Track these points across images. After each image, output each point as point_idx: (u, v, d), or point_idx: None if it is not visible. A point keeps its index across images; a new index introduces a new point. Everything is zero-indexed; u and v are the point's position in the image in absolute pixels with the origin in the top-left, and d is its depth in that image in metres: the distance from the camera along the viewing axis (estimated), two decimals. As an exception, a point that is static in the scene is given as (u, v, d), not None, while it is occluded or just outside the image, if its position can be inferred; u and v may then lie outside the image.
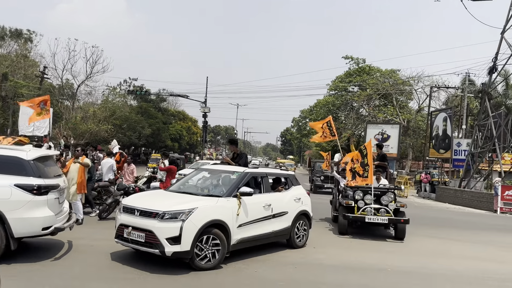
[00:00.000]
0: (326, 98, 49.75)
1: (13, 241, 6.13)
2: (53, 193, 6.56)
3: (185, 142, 55.35)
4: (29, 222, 6.21)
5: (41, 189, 6.30)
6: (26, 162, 6.40)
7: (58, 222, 6.63)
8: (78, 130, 31.10)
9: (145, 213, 6.37)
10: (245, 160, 8.86)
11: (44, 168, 6.65)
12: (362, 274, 6.90)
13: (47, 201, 6.40)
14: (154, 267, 6.40)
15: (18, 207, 6.12)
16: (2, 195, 6.07)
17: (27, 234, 6.38)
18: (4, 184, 6.11)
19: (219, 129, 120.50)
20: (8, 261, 6.15)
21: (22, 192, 6.16)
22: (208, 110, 35.88)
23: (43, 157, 6.86)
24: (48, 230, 6.44)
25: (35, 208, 6.24)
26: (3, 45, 35.66)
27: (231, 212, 6.84)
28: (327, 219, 12.53)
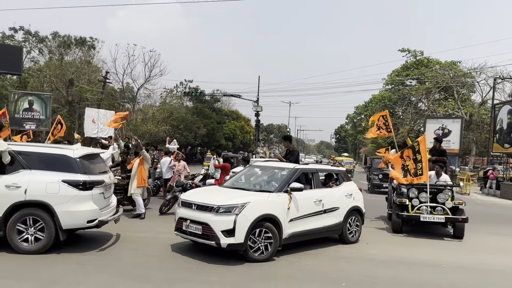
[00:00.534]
0: (382, 93, 48.43)
1: (61, 233, 6.70)
2: (98, 188, 7.05)
3: (239, 141, 56.28)
4: (75, 215, 6.75)
5: (86, 185, 6.82)
6: (72, 160, 6.93)
7: (103, 216, 7.11)
8: (138, 131, 32.80)
9: (201, 207, 6.78)
10: (297, 157, 9.05)
11: (89, 165, 7.15)
12: (415, 270, 6.86)
13: (92, 196, 6.90)
14: (211, 258, 6.78)
15: (65, 201, 6.65)
16: (51, 190, 6.63)
17: (74, 226, 6.89)
18: (53, 180, 6.68)
19: (272, 127, 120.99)
20: (69, 251, 6.82)
21: (68, 187, 6.70)
22: (260, 109, 36.30)
23: (89, 155, 7.39)
24: (93, 223, 6.94)
25: (81, 202, 6.76)
26: (69, 53, 38.25)
27: (282, 207, 7.07)
28: (383, 217, 12.37)
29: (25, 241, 6.56)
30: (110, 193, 7.78)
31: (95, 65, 38.71)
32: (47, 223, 6.59)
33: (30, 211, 6.60)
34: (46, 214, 6.60)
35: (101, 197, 7.18)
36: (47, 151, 7.14)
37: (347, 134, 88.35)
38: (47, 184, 6.64)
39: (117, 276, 5.80)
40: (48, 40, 38.01)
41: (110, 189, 7.75)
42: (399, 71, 45.90)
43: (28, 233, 6.57)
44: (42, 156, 6.99)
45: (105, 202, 7.42)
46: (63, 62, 35.45)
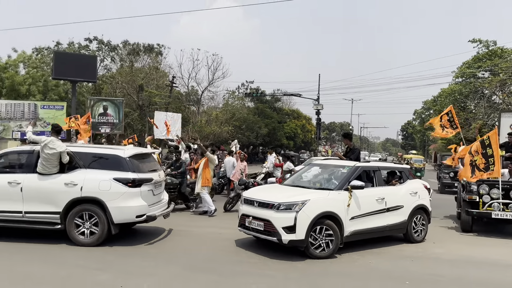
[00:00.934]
0: (452, 87, 45.82)
1: (113, 227, 7.22)
2: (147, 185, 7.51)
3: (300, 140, 56.17)
4: (125, 210, 7.24)
5: (135, 182, 7.31)
6: (123, 159, 7.47)
7: (151, 211, 7.55)
8: (203, 132, 34.00)
9: (262, 204, 7.02)
10: (357, 155, 8.99)
11: (138, 164, 7.64)
12: (485, 270, 6.59)
13: (140, 193, 7.38)
14: (273, 253, 7.00)
15: (116, 198, 7.17)
16: (104, 187, 7.17)
17: (124, 220, 7.36)
18: (105, 178, 7.23)
19: (334, 125, 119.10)
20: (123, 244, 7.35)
21: (119, 184, 7.22)
22: (321, 107, 35.97)
23: (139, 155, 7.89)
24: (142, 218, 7.40)
25: (130, 198, 7.25)
26: (138, 60, 40.53)
27: (343, 204, 7.10)
28: (452, 216, 11.88)
29: (82, 234, 7.19)
30: (160, 190, 8.21)
31: (163, 70, 40.67)
32: (101, 218, 7.16)
33: (86, 207, 7.22)
34: (100, 210, 7.18)
35: (150, 193, 7.65)
36: (100, 152, 7.82)
37: (415, 130, 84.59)
38: (100, 182, 7.21)
39: (187, 268, 6.20)
40: (119, 49, 40.59)
41: (160, 187, 8.19)
42: (470, 63, 43.16)
43: (84, 227, 7.19)
44: (96, 156, 7.64)
45: (155, 198, 7.88)
46: (133, 68, 37.65)
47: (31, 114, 29.93)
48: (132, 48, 39.57)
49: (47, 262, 6.25)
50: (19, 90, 32.69)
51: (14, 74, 33.67)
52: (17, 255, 6.52)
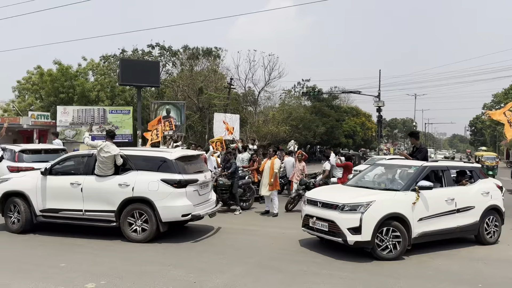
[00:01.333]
0: (524, 78, 42.68)
1: (161, 225, 7.66)
2: (192, 186, 7.89)
3: (360, 138, 54.93)
4: (171, 210, 7.65)
5: (181, 183, 7.69)
6: (170, 161, 7.89)
7: (196, 211, 7.92)
8: (260, 133, 34.39)
9: (326, 205, 7.06)
10: (425, 154, 8.71)
11: (184, 166, 8.03)
12: None
13: (186, 193, 7.75)
14: (338, 254, 7.03)
15: (163, 197, 7.60)
16: (152, 188, 7.63)
17: (171, 219, 7.76)
18: (153, 179, 7.69)
19: (396, 122, 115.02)
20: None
21: (166, 185, 7.64)
22: (382, 104, 34.99)
23: (185, 157, 8.29)
24: (187, 217, 7.79)
25: (176, 198, 7.65)
26: (197, 64, 41.81)
27: (410, 205, 6.97)
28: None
29: (134, 231, 7.72)
30: (206, 190, 8.58)
31: (220, 72, 41.63)
32: (150, 216, 7.64)
33: (137, 206, 7.74)
34: (149, 209, 7.65)
35: (195, 194, 8.03)
36: (150, 155, 8.34)
37: (484, 125, 79.63)
38: (149, 183, 7.69)
39: (256, 266, 6.42)
40: (179, 53, 42.09)
41: (206, 187, 8.56)
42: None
43: (136, 224, 7.72)
44: (146, 159, 8.17)
45: (201, 198, 8.27)
46: (193, 72, 38.92)
47: (101, 118, 31.99)
48: (191, 53, 40.88)
49: (127, 259, 6.73)
50: (89, 96, 34.97)
51: (84, 81, 36.07)
52: (101, 252, 7.09)
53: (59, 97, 34.55)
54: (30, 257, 6.65)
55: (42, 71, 35.57)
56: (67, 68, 35.65)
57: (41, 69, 35.92)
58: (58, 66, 35.58)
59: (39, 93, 37.37)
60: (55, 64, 35.85)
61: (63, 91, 34.53)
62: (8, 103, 40.27)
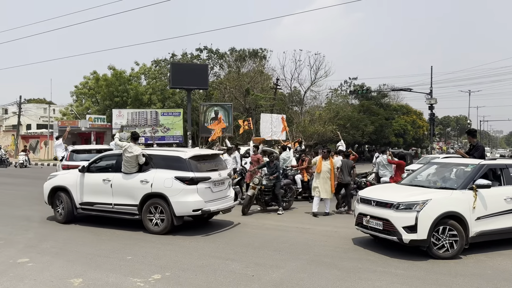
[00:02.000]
0: None
1: (175, 219, 8.30)
2: (204, 183, 8.42)
3: (410, 137, 53.34)
4: (183, 205, 8.25)
5: (193, 180, 8.24)
6: (183, 160, 8.46)
7: (208, 206, 8.46)
8: (307, 132, 34.36)
9: (380, 203, 7.10)
10: (482, 152, 8.51)
11: (197, 164, 8.56)
12: None
13: (197, 190, 8.30)
14: (392, 252, 7.06)
15: (176, 193, 8.23)
16: (167, 184, 8.30)
17: (183, 213, 8.35)
18: (168, 176, 8.35)
19: (449, 120, 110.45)
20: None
21: (179, 182, 8.24)
22: (434, 101, 33.89)
23: (199, 156, 8.84)
24: (198, 212, 8.37)
25: (188, 194, 8.24)
26: (244, 65, 42.46)
27: (467, 204, 6.87)
28: None
29: (153, 224, 8.46)
30: (221, 188, 9.04)
31: (266, 73, 42.05)
32: (166, 210, 8.31)
33: (155, 201, 8.46)
34: (165, 203, 8.33)
35: (208, 191, 8.55)
36: (167, 154, 8.97)
37: (545, 122, 74.68)
38: (164, 180, 8.36)
39: (311, 262, 6.58)
40: (226, 56, 42.95)
41: (221, 184, 9.02)
42: None
43: (155, 217, 8.45)
44: (164, 158, 8.82)
45: (214, 195, 8.78)
46: (239, 74, 39.57)
47: (153, 121, 33.33)
48: (238, 55, 41.60)
49: (188, 253, 7.13)
50: (141, 100, 36.52)
51: (137, 85, 37.70)
52: (163, 246, 7.54)
53: (114, 101, 36.37)
54: (100, 251, 7.20)
55: (97, 76, 37.60)
56: (121, 73, 37.46)
57: (96, 74, 37.99)
58: (113, 71, 37.46)
59: (95, 97, 39.52)
60: (110, 69, 37.80)
61: (118, 95, 36.32)
62: (67, 107, 42.95)
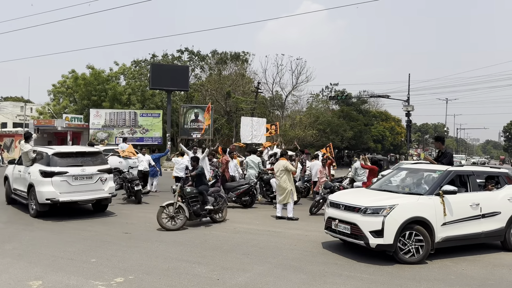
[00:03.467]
0: (562, 82, 41.08)
1: (38, 206, 9.77)
2: (59, 176, 9.75)
3: (389, 143, 54.14)
4: (40, 194, 9.67)
5: (46, 173, 9.70)
6: (48, 155, 10.03)
7: (62, 198, 9.72)
8: (287, 136, 34.46)
9: (349, 207, 7.13)
10: (450, 159, 8.67)
11: (58, 160, 9.94)
12: None
13: (51, 182, 9.67)
14: (360, 257, 7.09)
15: (38, 184, 9.72)
16: (35, 176, 9.86)
17: (41, 202, 9.68)
18: (36, 169, 9.89)
19: (427, 127, 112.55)
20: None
21: (39, 174, 9.76)
22: (411, 108, 34.47)
23: (63, 153, 10.24)
24: (50, 201, 9.66)
25: (44, 185, 9.66)
26: (226, 68, 42.38)
27: (434, 210, 6.95)
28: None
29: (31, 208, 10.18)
30: (86, 182, 10.12)
31: (248, 77, 42.03)
32: (35, 198, 9.87)
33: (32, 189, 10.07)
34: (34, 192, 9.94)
35: (64, 183, 9.81)
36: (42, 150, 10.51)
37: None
38: (35, 172, 9.94)
39: (278, 266, 6.55)
40: (208, 58, 42.84)
41: (85, 179, 10.09)
42: None
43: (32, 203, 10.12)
44: (41, 154, 10.38)
45: (73, 188, 9.91)
46: (221, 76, 39.48)
47: (131, 121, 32.89)
48: (220, 57, 41.52)
49: (154, 256, 7.02)
50: (120, 100, 36.02)
51: (116, 85, 37.17)
52: (129, 249, 7.41)
53: (92, 100, 35.76)
54: (64, 253, 7.02)
55: (76, 75, 36.94)
56: (99, 72, 36.88)
57: (75, 73, 37.32)
58: (91, 71, 36.86)
59: (73, 96, 38.82)
60: (88, 69, 37.17)
61: (96, 95, 35.74)
62: (44, 106, 42.03)
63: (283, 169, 10.69)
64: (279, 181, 10.73)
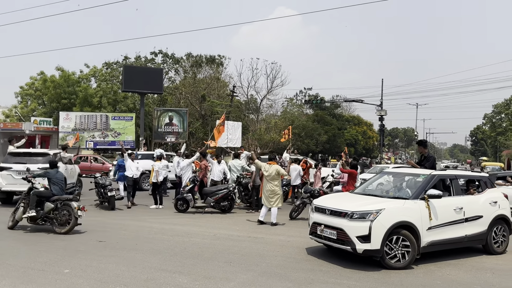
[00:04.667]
0: (526, 89, 42.78)
1: None
2: (7, 171, 12.34)
3: (361, 146, 54.95)
4: None
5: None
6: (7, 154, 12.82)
7: (6, 187, 12.37)
8: (262, 140, 34.36)
9: (335, 212, 6.98)
10: (433, 162, 8.66)
11: (9, 158, 12.81)
12: None
13: (1, 175, 12.34)
14: (346, 262, 6.94)
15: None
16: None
17: None
18: None
19: (397, 131, 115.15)
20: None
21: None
22: (384, 113, 35.05)
23: (16, 153, 13.15)
24: None
25: None
26: (201, 71, 41.94)
27: (419, 214, 6.89)
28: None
29: None
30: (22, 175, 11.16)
31: (223, 80, 41.75)
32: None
33: None
34: None
35: (9, 177, 12.35)
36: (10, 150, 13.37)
37: (485, 135, 79.66)
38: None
39: (262, 274, 6.31)
40: (182, 61, 42.25)
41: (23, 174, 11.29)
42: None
43: None
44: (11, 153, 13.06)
45: (16, 181, 12.05)
46: (196, 79, 39.01)
47: (103, 125, 31.99)
48: (194, 60, 41.04)
49: (132, 265, 6.65)
50: (91, 102, 35.03)
51: (87, 87, 36.14)
52: (105, 258, 7.01)
53: (62, 103, 34.65)
54: (35, 263, 6.57)
55: (45, 77, 35.73)
56: (69, 75, 35.78)
57: (44, 75, 36.10)
58: (61, 73, 35.72)
59: (42, 99, 37.50)
60: (58, 71, 36.02)
61: (66, 97, 34.64)
62: (11, 109, 40.41)
63: (276, 173, 10.58)
64: (271, 184, 10.59)
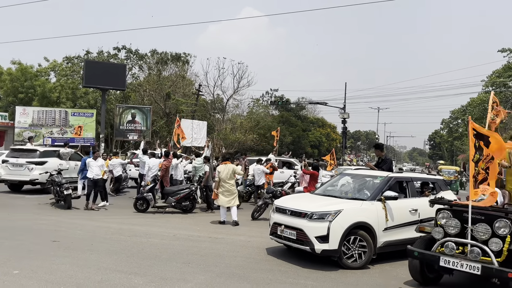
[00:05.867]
0: (481, 96, 44.84)
1: None
2: (5, 163, 14.56)
3: (325, 148, 55.83)
4: None
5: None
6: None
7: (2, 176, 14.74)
8: (228, 140, 34.26)
9: (295, 213, 7.02)
10: (390, 165, 8.89)
11: (11, 153, 15.11)
12: None
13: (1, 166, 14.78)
14: (305, 262, 7.00)
15: None
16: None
17: None
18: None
19: (359, 134, 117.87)
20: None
21: None
22: (347, 115, 35.76)
23: (15, 149, 15.75)
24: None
25: None
26: (166, 69, 41.24)
27: (376, 215, 7.04)
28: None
29: None
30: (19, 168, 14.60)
31: (189, 78, 41.25)
32: None
33: None
34: None
35: (6, 168, 14.61)
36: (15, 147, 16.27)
37: (443, 140, 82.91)
38: None
39: (220, 275, 6.25)
40: (147, 57, 41.39)
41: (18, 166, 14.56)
42: (500, 72, 42.19)
43: None
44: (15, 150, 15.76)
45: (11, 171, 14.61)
46: (160, 77, 38.32)
47: (62, 121, 30.83)
48: (160, 57, 40.31)
49: (86, 266, 6.41)
50: (50, 97, 33.72)
51: (45, 81, 34.75)
52: (58, 259, 6.73)
53: (18, 97, 33.18)
54: (-21, 264, 6.22)
55: (1, 69, 34.08)
56: (27, 68, 34.31)
57: (0, 67, 34.42)
58: (18, 66, 34.20)
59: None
60: (14, 64, 34.46)
61: (23, 91, 33.19)
62: (-38, 102, 38.17)
63: (231, 173, 10.55)
64: (228, 184, 10.53)
